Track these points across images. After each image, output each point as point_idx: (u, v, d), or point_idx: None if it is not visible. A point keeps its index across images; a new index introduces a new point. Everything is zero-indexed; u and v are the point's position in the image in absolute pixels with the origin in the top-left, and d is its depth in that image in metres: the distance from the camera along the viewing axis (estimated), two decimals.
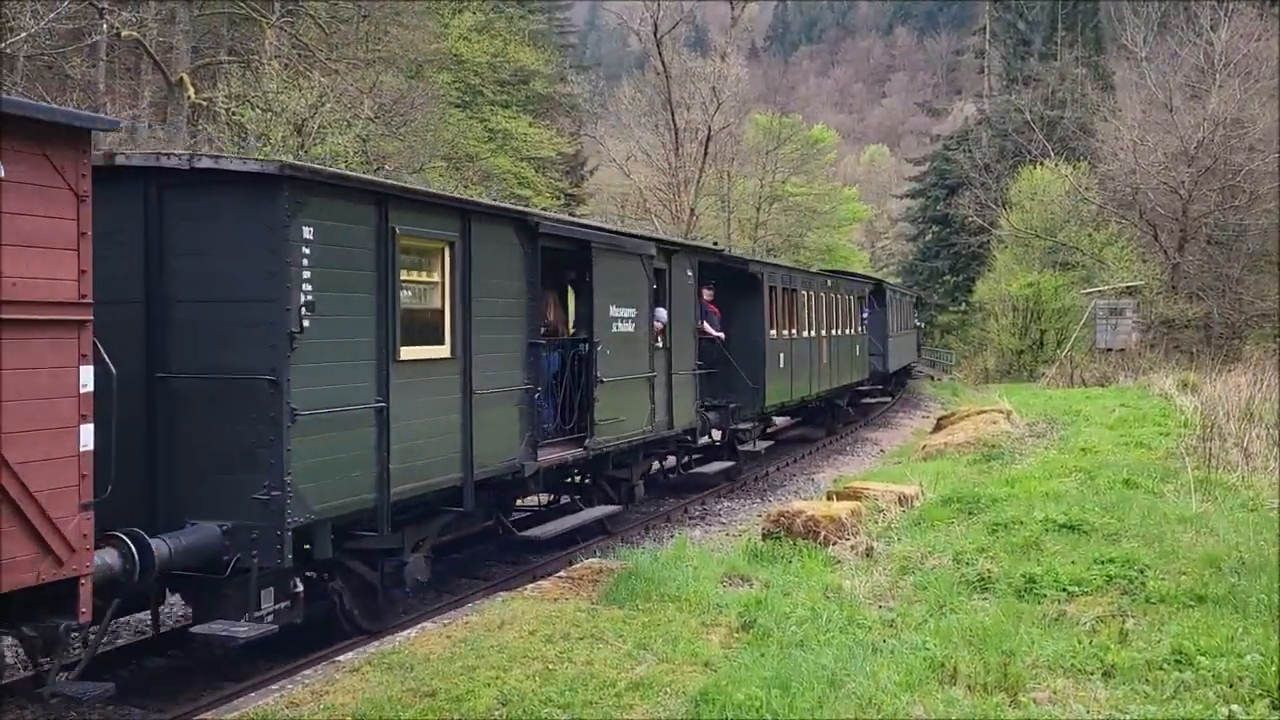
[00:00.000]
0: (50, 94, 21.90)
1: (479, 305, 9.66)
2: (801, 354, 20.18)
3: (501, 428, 10.05)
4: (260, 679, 8.18)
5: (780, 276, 19.31)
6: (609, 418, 12.13)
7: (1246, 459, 13.89)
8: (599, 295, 12.04)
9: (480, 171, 35.39)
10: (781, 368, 18.71)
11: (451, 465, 9.33)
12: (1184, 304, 36.71)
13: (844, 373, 24.20)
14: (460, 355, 9.44)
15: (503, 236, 10.16)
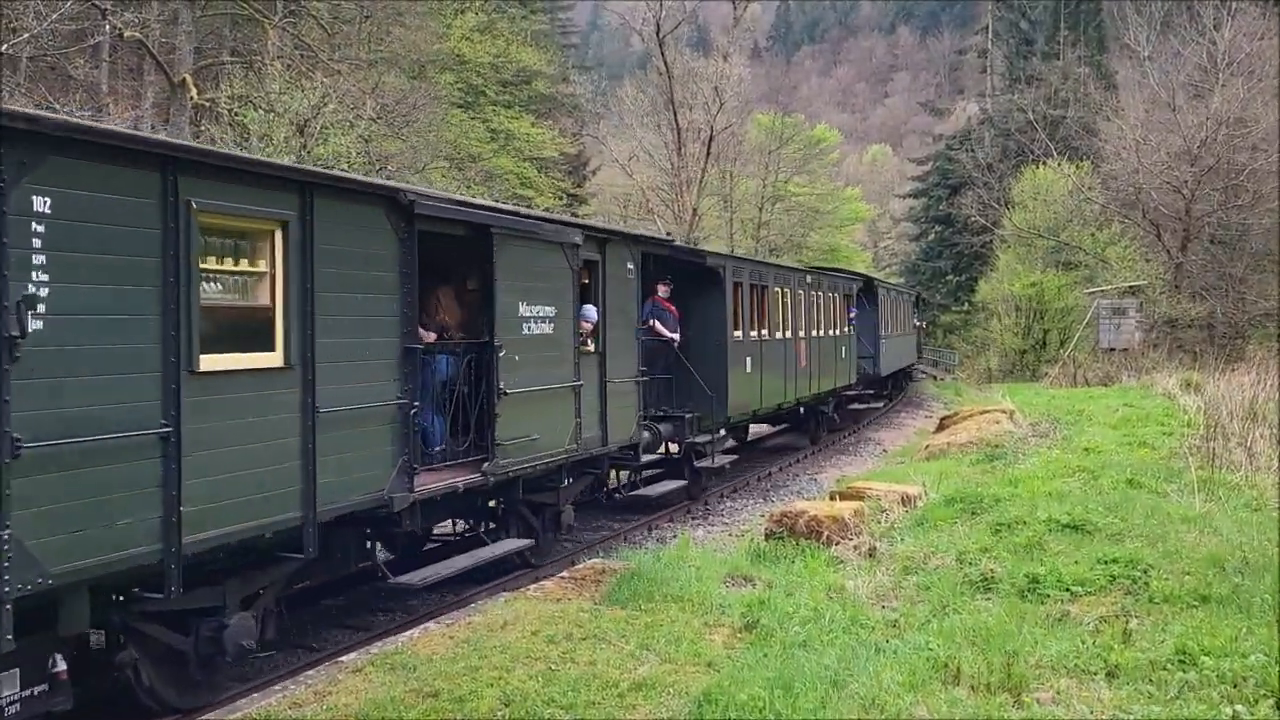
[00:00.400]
0: (53, 95, 21.93)
1: (329, 302, 7.73)
2: (774, 357, 18.59)
3: (360, 452, 8.15)
4: (263, 679, 8.18)
5: (748, 272, 17.54)
6: (516, 436, 10.20)
7: (1250, 458, 13.87)
8: (504, 291, 10.06)
9: (483, 172, 35.40)
10: (749, 372, 17.13)
11: (285, 502, 7.38)
12: (1187, 303, 36.67)
13: (828, 377, 22.55)
14: (299, 364, 7.47)
15: (366, 218, 8.27)
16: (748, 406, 17.27)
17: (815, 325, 21.64)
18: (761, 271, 18.45)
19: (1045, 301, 43.89)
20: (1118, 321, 36.31)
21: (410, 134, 28.01)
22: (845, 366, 24.42)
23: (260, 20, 27.29)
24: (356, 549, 9.15)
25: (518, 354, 10.29)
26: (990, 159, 53.22)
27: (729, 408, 15.96)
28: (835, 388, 23.54)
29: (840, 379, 23.80)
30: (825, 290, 22.81)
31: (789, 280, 20.10)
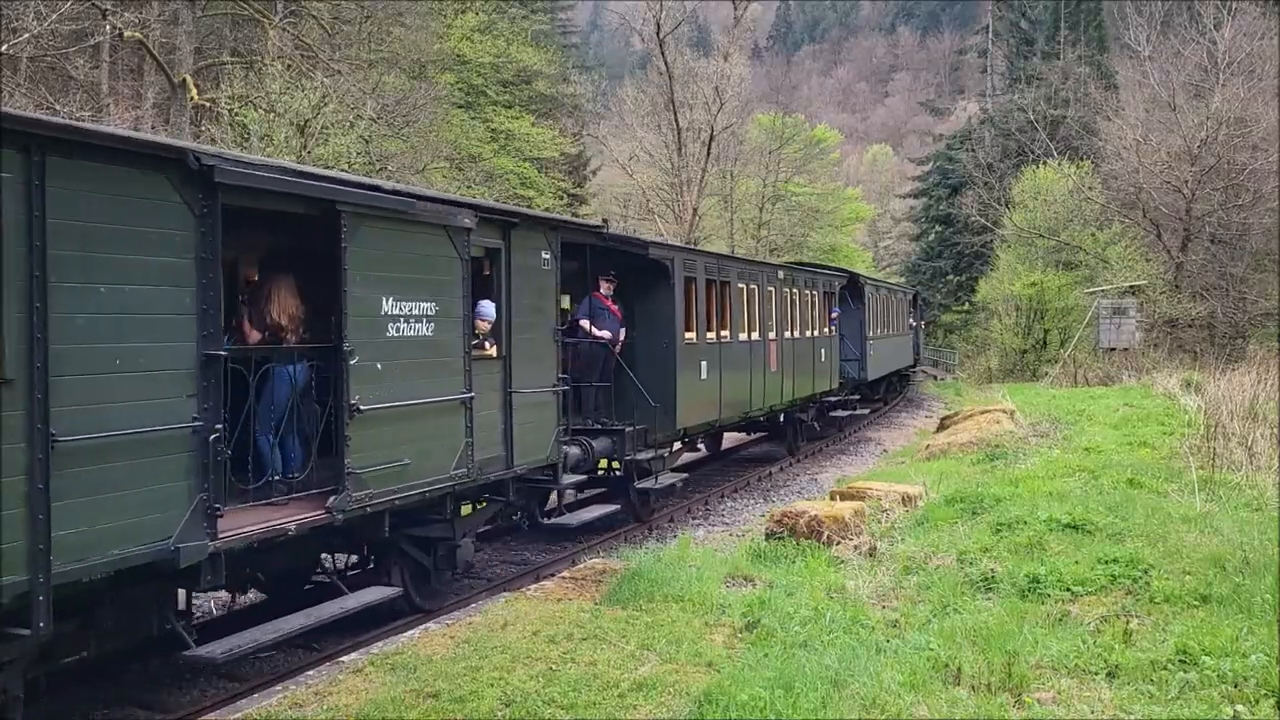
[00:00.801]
0: (53, 95, 21.93)
1: (72, 296, 5.99)
2: (738, 361, 16.85)
3: (136, 492, 6.36)
4: (263, 680, 8.19)
5: (703, 266, 15.64)
6: (377, 462, 8.36)
7: (1250, 458, 13.87)
8: (359, 283, 8.19)
9: (483, 172, 35.40)
10: (704, 379, 15.28)
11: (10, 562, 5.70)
12: (1187, 303, 36.69)
13: (805, 382, 20.76)
14: (20, 377, 5.72)
15: (137, 186, 6.39)
16: (704, 416, 15.51)
17: (790, 326, 19.95)
18: (722, 266, 16.55)
19: (1045, 301, 43.89)
20: (1118, 321, 36.32)
21: (411, 134, 28.02)
22: (826, 370, 22.57)
23: (260, 20, 27.29)
24: (157, 613, 7.32)
25: (379, 361, 8.41)
26: (990, 159, 53.21)
27: (679, 419, 14.28)
28: (815, 393, 21.84)
29: (820, 384, 22.14)
30: (802, 287, 21.10)
31: (757, 276, 18.30)
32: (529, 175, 39.95)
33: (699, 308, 15.21)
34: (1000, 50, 67.97)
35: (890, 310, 31.40)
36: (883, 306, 29.64)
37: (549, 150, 41.38)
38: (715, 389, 15.79)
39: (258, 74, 24.93)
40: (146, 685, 8.36)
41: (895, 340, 32.35)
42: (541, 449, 10.79)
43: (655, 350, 14.10)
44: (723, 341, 16.12)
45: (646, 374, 13.72)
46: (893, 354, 31.81)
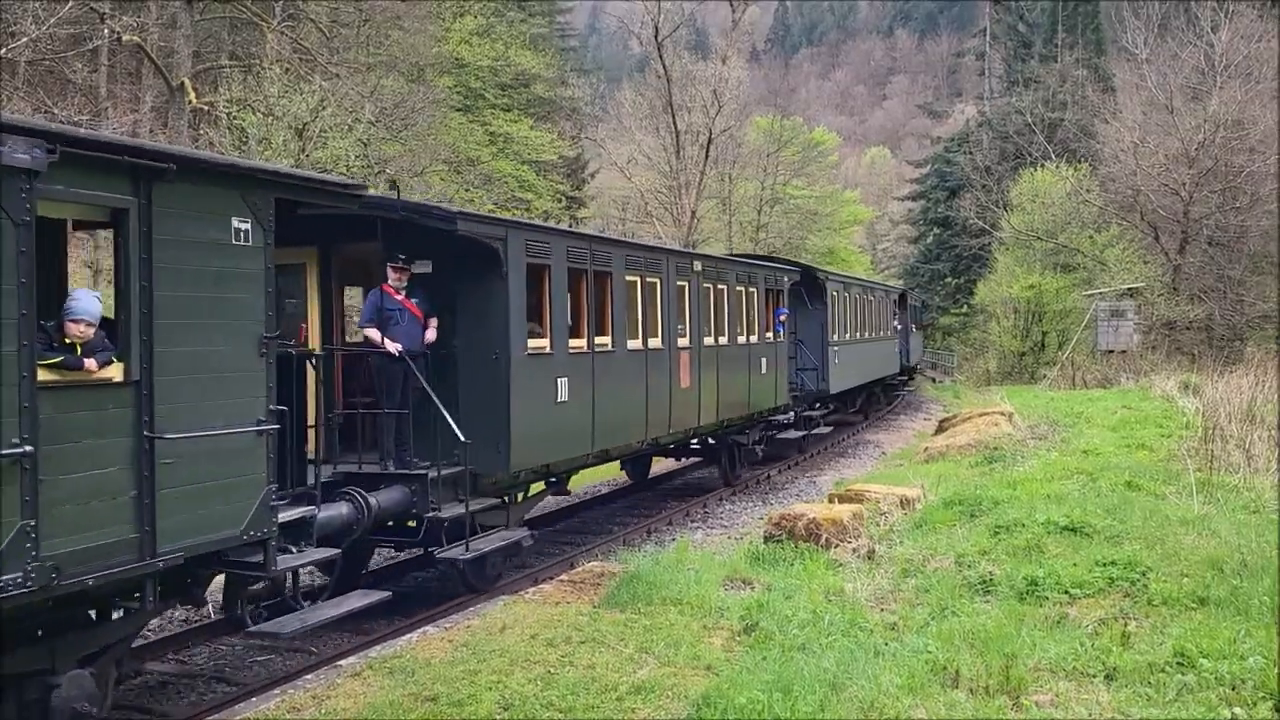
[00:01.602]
0: (52, 99, 21.94)
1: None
2: (624, 376, 13.00)
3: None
4: (261, 684, 8.18)
5: (564, 250, 11.59)
6: None
7: (1248, 461, 13.88)
8: None
9: (481, 175, 35.41)
10: (563, 402, 11.38)
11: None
12: (1185, 306, 36.71)
13: (737, 399, 17.13)
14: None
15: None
16: (562, 451, 11.67)
17: (715, 330, 16.29)
18: (598, 252, 12.48)
19: (1044, 304, 43.94)
20: (1116, 324, 36.36)
21: (409, 137, 28.03)
22: (768, 384, 18.66)
23: (259, 24, 27.30)
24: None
25: None
26: (988, 161, 53.27)
27: (514, 456, 10.39)
28: (754, 412, 18.05)
29: (760, 400, 18.22)
30: (733, 283, 17.13)
31: (660, 266, 14.24)
32: (527, 178, 39.96)
33: (556, 306, 11.33)
34: (998, 53, 68.06)
35: (866, 311, 27.73)
36: (854, 307, 25.99)
37: (547, 153, 41.39)
38: (584, 414, 11.88)
39: (256, 77, 24.94)
40: (144, 689, 8.36)
41: (873, 346, 28.57)
42: (231, 520, 6.97)
43: (480, 364, 10.27)
44: (599, 351, 12.22)
45: (469, 396, 10.22)
46: (869, 361, 27.84)
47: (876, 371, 29.28)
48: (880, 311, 30.22)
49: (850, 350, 24.99)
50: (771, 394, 18.97)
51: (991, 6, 70.03)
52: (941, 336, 61.73)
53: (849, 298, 25.56)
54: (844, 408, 26.80)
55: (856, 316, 26.32)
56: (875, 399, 31.46)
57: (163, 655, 9.04)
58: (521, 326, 10.59)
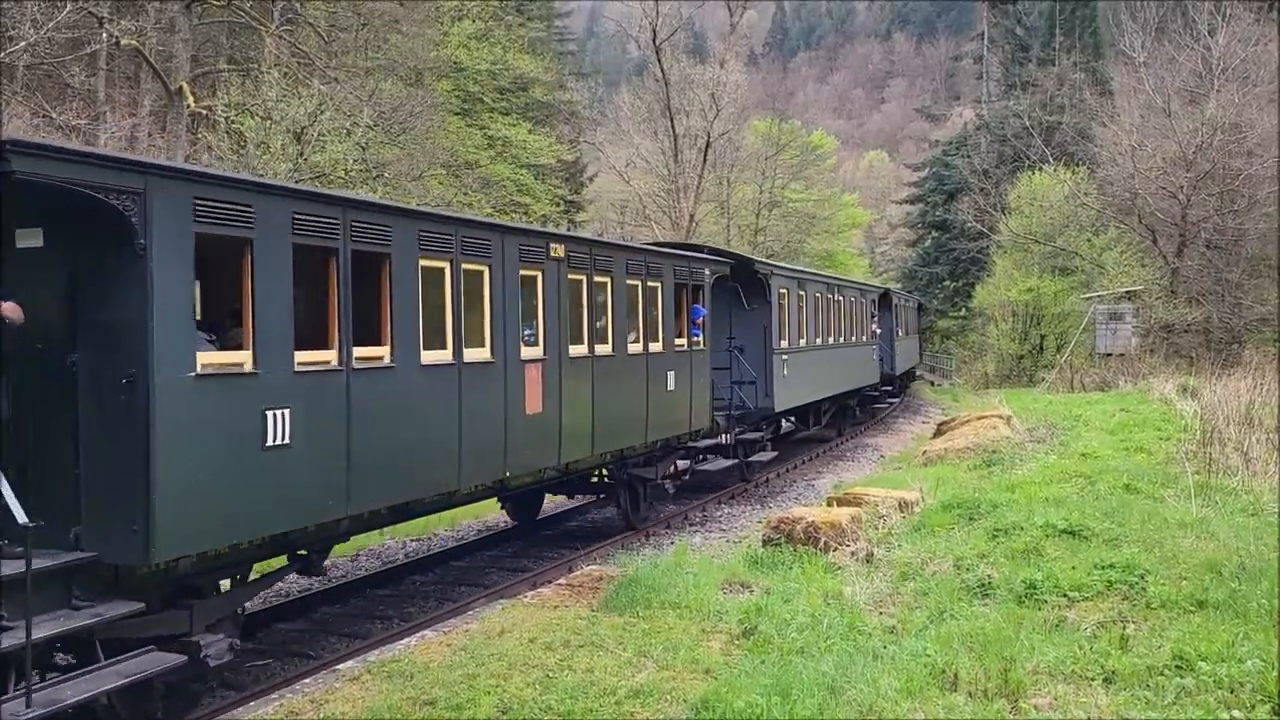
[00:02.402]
0: (50, 103, 21.94)
1: None
2: (420, 401, 9.28)
3: None
4: (259, 688, 8.18)
5: (279, 218, 7.78)
6: None
7: (1246, 463, 13.89)
8: None
9: (480, 179, 35.42)
10: (278, 446, 7.62)
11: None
12: (1183, 308, 36.74)
13: (630, 425, 13.45)
14: None
15: None
16: (288, 520, 7.92)
17: (589, 337, 12.52)
18: (368, 224, 8.68)
19: (1042, 307, 43.96)
20: (1114, 327, 36.37)
21: (407, 141, 28.02)
22: (677, 403, 14.91)
23: (257, 28, 27.30)
24: None
25: None
26: (986, 165, 53.31)
27: (159, 538, 6.70)
28: (658, 440, 14.43)
29: (668, 424, 14.59)
30: (622, 276, 13.38)
31: (490, 250, 10.45)
32: (526, 182, 39.98)
33: (265, 301, 7.61)
34: (996, 56, 68.13)
35: (832, 313, 24.03)
36: (813, 308, 22.12)
37: (546, 157, 41.41)
38: (327, 460, 8.09)
39: (254, 81, 24.94)
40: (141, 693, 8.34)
41: (841, 354, 24.77)
42: None
43: (107, 389, 6.73)
44: (363, 368, 8.50)
45: (93, 440, 6.74)
46: (837, 372, 24.19)
47: (847, 383, 25.29)
48: (854, 313, 26.50)
49: (806, 359, 21.21)
50: (684, 416, 15.12)
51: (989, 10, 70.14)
52: (940, 339, 61.82)
53: (805, 296, 21.57)
54: (804, 425, 23.62)
55: (817, 319, 22.49)
56: (850, 413, 27.23)
57: None
58: (185, 333, 6.99)
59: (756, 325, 18.66)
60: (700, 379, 15.82)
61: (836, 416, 25.62)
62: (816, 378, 22.16)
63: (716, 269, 16.93)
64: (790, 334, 20.27)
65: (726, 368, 17.63)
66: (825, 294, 23.67)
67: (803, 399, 21.19)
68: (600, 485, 14.59)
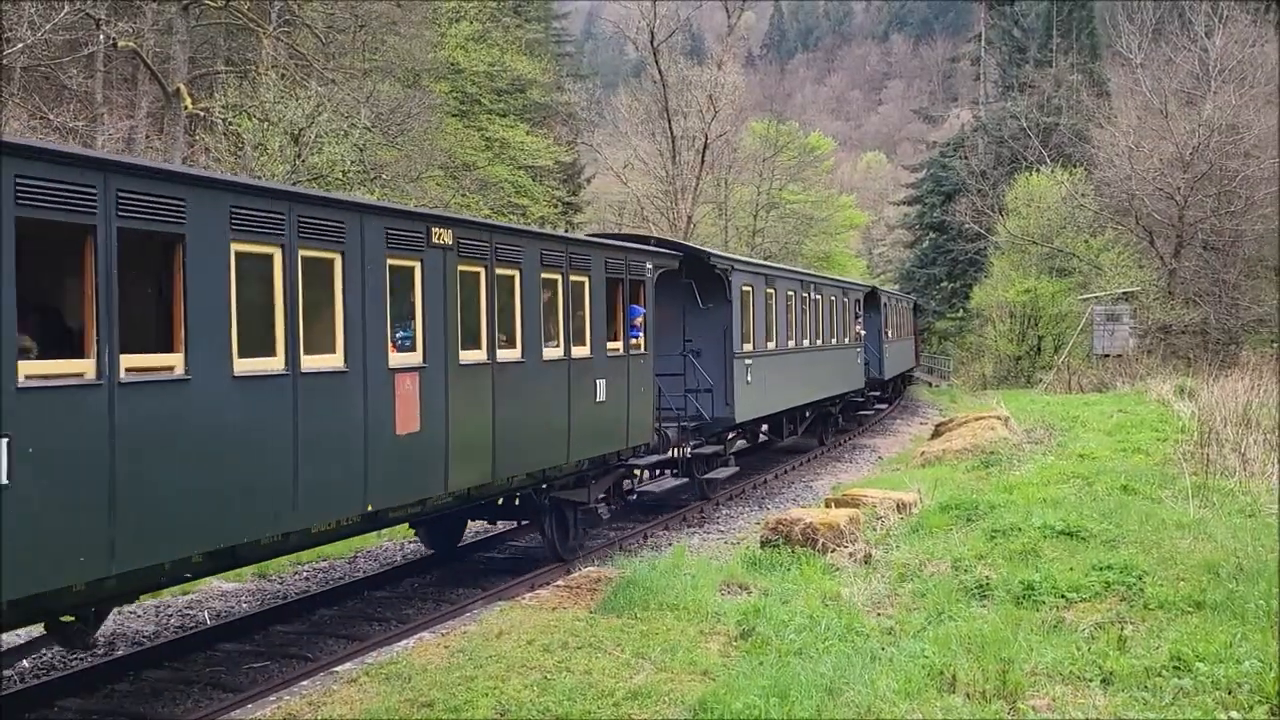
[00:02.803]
0: (47, 105, 21.92)
1: None
2: (226, 424, 7.34)
3: None
4: (256, 690, 8.17)
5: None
6: None
7: (1244, 464, 13.90)
8: None
9: (478, 180, 35.41)
10: (13, 498, 5.74)
11: None
12: (1181, 309, 36.78)
13: (546, 444, 11.55)
14: None
15: None
16: None
17: (488, 340, 10.53)
18: (146, 196, 6.74)
19: (1039, 308, 44.02)
20: (1112, 328, 36.40)
21: (405, 142, 28.01)
22: (609, 416, 13.05)
23: (255, 29, 27.29)
24: None
25: None
26: (984, 166, 53.36)
27: None
28: (587, 459, 12.61)
29: (598, 441, 12.78)
30: (535, 269, 11.47)
31: (343, 235, 8.58)
32: (523, 184, 39.98)
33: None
34: (993, 58, 68.15)
35: (808, 313, 21.99)
36: (783, 307, 20.10)
37: (543, 159, 41.43)
38: (30, 508, 5.89)
39: (252, 83, 24.92)
40: (139, 696, 8.33)
41: (818, 358, 22.57)
42: None
43: None
44: (133, 382, 6.63)
45: None
46: (813, 377, 22.02)
47: (826, 389, 23.12)
48: (834, 314, 24.26)
49: (774, 363, 19.22)
50: (620, 430, 13.26)
51: (986, 11, 70.19)
52: (938, 340, 61.91)
53: (775, 295, 19.63)
54: (777, 437, 21.43)
55: (790, 319, 20.60)
56: (832, 421, 25.20)
57: (159, 662, 9.01)
58: None
59: (715, 326, 16.60)
60: (640, 388, 13.81)
61: (817, 424, 23.65)
62: (788, 384, 20.04)
63: (662, 263, 14.84)
64: (756, 336, 18.28)
65: (680, 374, 15.93)
66: (799, 292, 21.49)
67: (771, 407, 19.04)
68: (523, 510, 12.63)
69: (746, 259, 22.70)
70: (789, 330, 20.62)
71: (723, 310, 16.79)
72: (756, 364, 17.98)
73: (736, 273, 17.40)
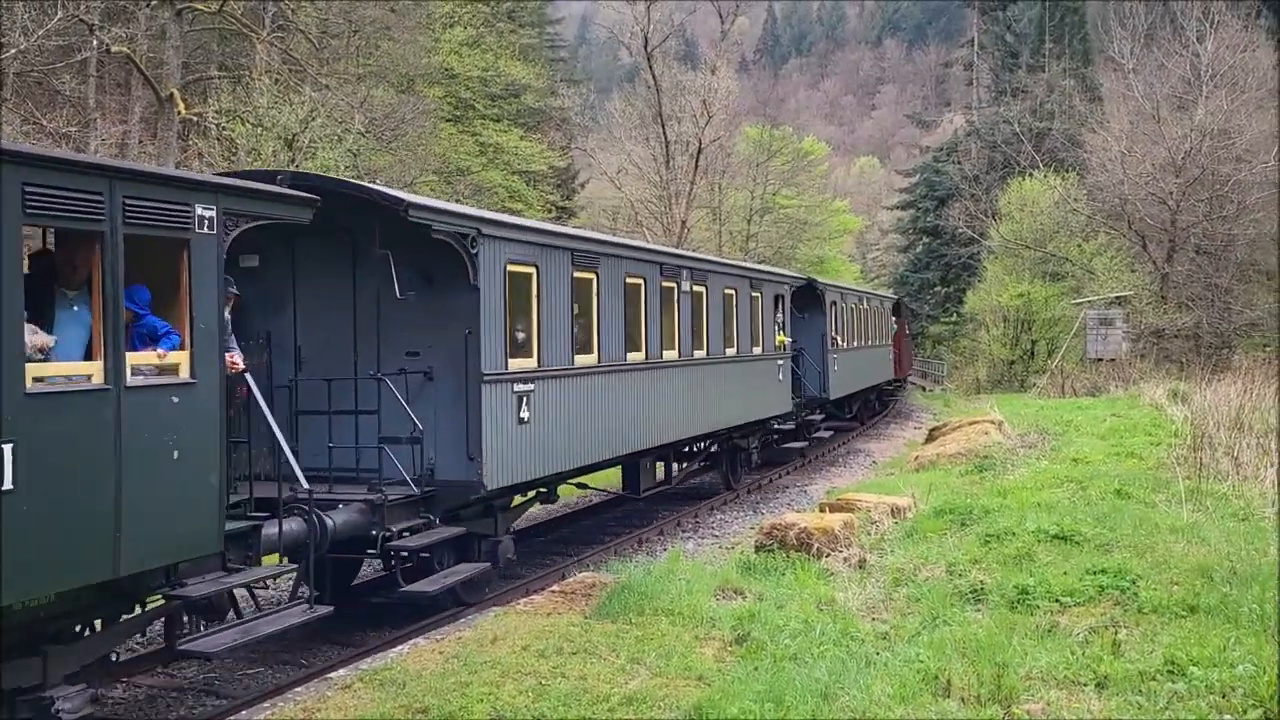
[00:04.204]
0: (40, 110, 21.88)
1: None
2: None
3: None
4: (250, 697, 8.14)
5: None
6: None
7: (1237, 468, 13.92)
8: None
9: (472, 185, 35.39)
10: None
11: None
12: (1173, 314, 36.89)
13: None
14: None
15: None
16: None
17: None
18: None
19: (1033, 312, 44.13)
20: (1105, 332, 36.48)
21: (399, 147, 28.00)
22: None
23: (248, 35, 27.27)
24: None
25: None
26: (977, 170, 53.48)
27: None
28: None
29: None
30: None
31: None
32: (518, 188, 39.99)
33: None
34: (986, 63, 68.38)
35: (668, 314, 14.76)
36: (615, 304, 13.17)
37: (537, 163, 41.43)
38: None
39: (245, 88, 24.91)
40: (132, 703, 8.30)
41: (689, 376, 15.29)
42: None
43: None
44: None
45: None
46: (694, 400, 15.38)
47: (712, 417, 16.25)
48: (732, 314, 17.46)
49: (575, 391, 12.12)
50: None
51: (979, 17, 70.41)
52: (932, 345, 62.01)
53: (599, 282, 12.72)
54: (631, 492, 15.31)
55: (625, 323, 13.45)
56: (741, 458, 18.89)
57: (151, 669, 8.98)
58: None
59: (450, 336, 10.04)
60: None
61: (721, 461, 18.29)
62: (618, 418, 12.95)
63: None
64: (554, 345, 11.41)
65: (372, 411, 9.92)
66: (652, 281, 14.08)
67: (558, 460, 11.50)
68: None
69: (511, 219, 12.56)
70: (627, 337, 13.39)
71: (467, 304, 10.00)
72: (541, 393, 11.09)
73: (493, 240, 10.36)
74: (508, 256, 10.63)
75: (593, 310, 12.62)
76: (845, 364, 25.28)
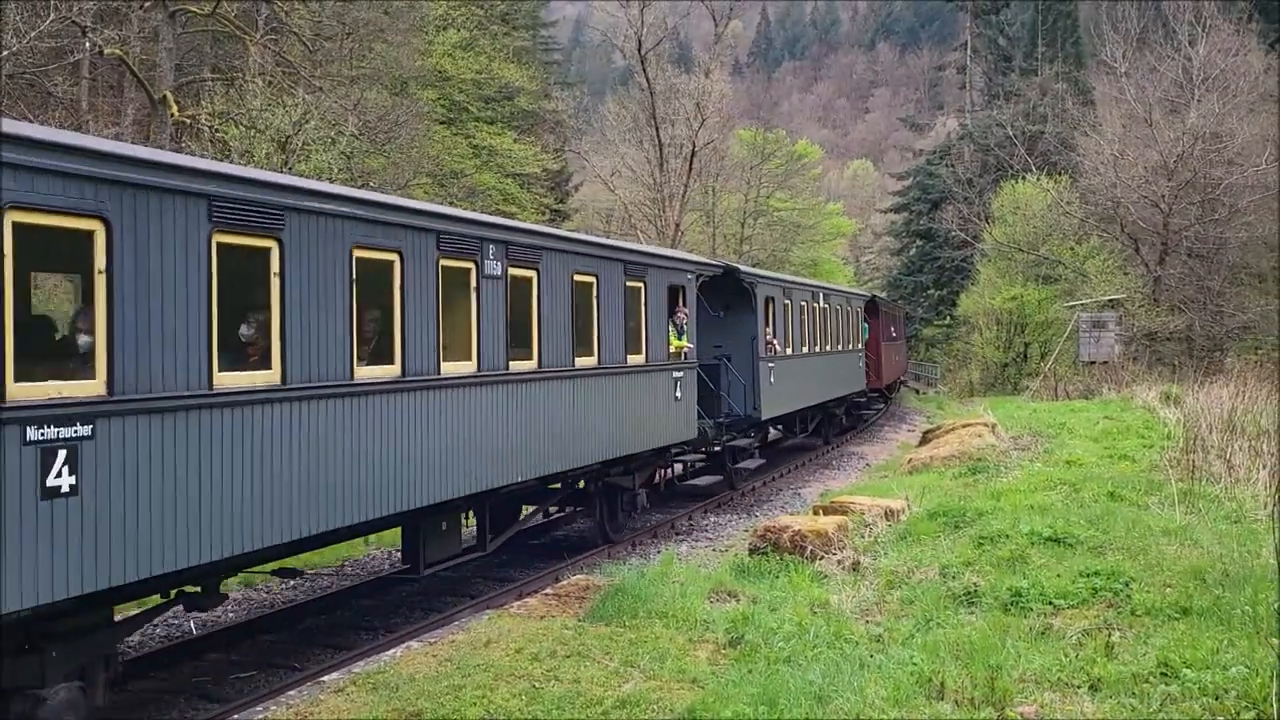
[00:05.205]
0: (33, 112, 21.82)
1: None
2: None
3: None
4: (243, 700, 8.12)
5: None
6: None
7: (1229, 470, 13.95)
8: None
9: (465, 188, 35.36)
10: None
11: None
12: (1166, 316, 36.99)
13: None
14: None
15: None
16: None
17: None
18: None
19: (1026, 315, 44.22)
20: (1097, 335, 36.53)
21: (393, 150, 27.96)
22: None
23: (241, 37, 27.23)
24: None
25: None
26: (970, 174, 53.61)
27: None
28: None
29: None
30: None
31: None
32: (511, 191, 39.97)
33: None
34: (979, 66, 68.54)
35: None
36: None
37: (531, 166, 41.42)
38: None
39: (239, 90, 24.84)
40: (125, 706, 8.26)
41: (520, 398, 11.07)
42: None
43: None
44: None
45: None
46: (532, 433, 11.31)
47: (568, 451, 12.21)
48: (596, 312, 13.10)
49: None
50: None
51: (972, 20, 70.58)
52: (925, 348, 62.10)
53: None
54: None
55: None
56: (613, 504, 14.40)
57: (145, 672, 8.95)
58: None
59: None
60: None
61: (595, 504, 13.99)
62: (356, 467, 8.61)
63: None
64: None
65: None
66: (416, 259, 9.39)
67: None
68: None
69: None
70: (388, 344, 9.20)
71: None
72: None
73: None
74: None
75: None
76: (787, 375, 20.69)
